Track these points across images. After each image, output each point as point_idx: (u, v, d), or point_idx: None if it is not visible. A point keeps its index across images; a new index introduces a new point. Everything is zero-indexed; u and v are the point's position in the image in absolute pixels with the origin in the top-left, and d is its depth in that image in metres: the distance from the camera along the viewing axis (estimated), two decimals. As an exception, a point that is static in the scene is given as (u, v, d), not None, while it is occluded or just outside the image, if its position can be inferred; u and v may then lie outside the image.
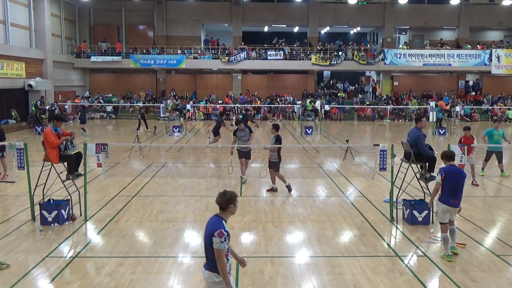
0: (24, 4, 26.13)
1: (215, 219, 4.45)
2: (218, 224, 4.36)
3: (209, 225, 4.44)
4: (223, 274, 4.36)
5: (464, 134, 12.37)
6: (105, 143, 8.68)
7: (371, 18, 35.51)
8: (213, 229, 4.33)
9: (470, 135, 12.27)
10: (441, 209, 7.00)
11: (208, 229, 4.40)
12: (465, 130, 12.38)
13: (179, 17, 34.51)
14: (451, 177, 6.93)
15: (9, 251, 7.14)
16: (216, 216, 4.48)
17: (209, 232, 4.35)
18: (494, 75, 33.72)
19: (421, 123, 8.90)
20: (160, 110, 24.13)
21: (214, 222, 4.41)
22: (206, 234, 4.40)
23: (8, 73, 23.75)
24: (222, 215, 4.46)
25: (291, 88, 35.24)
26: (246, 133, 11.96)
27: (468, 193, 11.16)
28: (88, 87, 34.49)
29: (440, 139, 21.85)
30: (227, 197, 4.44)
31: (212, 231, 4.32)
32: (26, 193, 9.24)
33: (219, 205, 4.46)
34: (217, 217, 4.46)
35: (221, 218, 4.44)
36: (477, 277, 6.34)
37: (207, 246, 4.38)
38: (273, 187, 11.06)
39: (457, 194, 6.98)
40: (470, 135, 12.25)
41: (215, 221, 4.42)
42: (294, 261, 6.93)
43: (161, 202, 10.07)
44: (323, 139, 21.60)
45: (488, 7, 35.31)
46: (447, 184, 6.95)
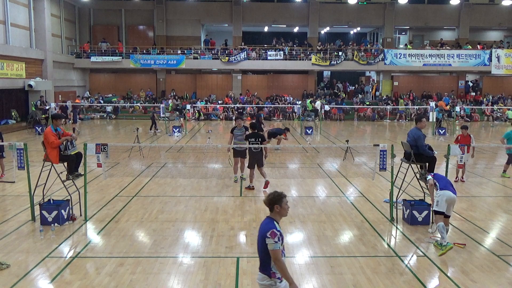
0: (24, 4, 26.14)
1: (266, 220, 4.43)
2: (269, 225, 4.33)
3: (261, 227, 4.42)
4: (284, 274, 4.31)
5: (461, 133, 12.44)
6: (105, 143, 8.68)
7: (371, 18, 35.51)
8: (265, 230, 4.30)
9: (468, 134, 12.31)
10: (442, 197, 7.35)
11: (260, 231, 4.38)
12: (463, 129, 12.46)
13: (179, 17, 34.52)
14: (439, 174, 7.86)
15: (9, 251, 7.14)
16: (267, 218, 4.46)
17: (261, 234, 4.33)
18: (494, 75, 33.73)
19: (421, 123, 8.89)
20: (160, 110, 24.12)
21: (265, 224, 4.38)
22: (259, 236, 4.38)
23: (8, 73, 23.75)
24: (272, 216, 4.44)
25: (291, 88, 35.25)
26: (243, 132, 11.76)
27: (468, 193, 11.18)
28: (88, 87, 34.50)
29: (440, 139, 21.84)
30: (270, 197, 4.43)
31: (264, 232, 4.29)
32: (26, 193, 9.24)
33: (266, 206, 4.46)
34: (268, 219, 4.43)
35: (272, 219, 4.41)
36: (477, 277, 6.33)
37: (261, 248, 4.36)
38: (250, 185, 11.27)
39: (451, 185, 7.63)
40: (467, 134, 12.29)
41: (266, 222, 4.39)
42: (294, 261, 6.93)
43: (161, 202, 10.07)
44: (323, 139, 21.60)
45: (488, 7, 35.32)
46: (439, 178, 7.73)
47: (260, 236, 4.36)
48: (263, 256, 4.37)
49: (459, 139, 12.30)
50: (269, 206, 4.43)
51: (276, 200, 4.40)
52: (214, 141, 19.73)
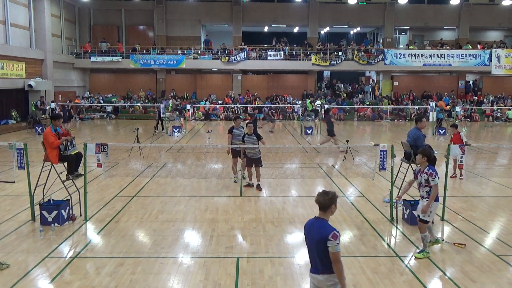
0: (24, 4, 26.14)
1: (319, 222, 4.31)
2: (327, 227, 4.24)
3: (314, 229, 4.29)
4: (341, 277, 4.25)
5: (453, 132, 12.87)
6: (105, 143, 8.68)
7: (371, 18, 35.51)
8: (325, 233, 4.18)
9: (457, 132, 12.71)
10: (435, 208, 7.20)
11: (316, 233, 4.25)
12: (452, 127, 12.96)
13: (179, 17, 34.51)
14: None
15: (9, 251, 7.14)
16: (318, 219, 4.33)
17: (320, 236, 4.20)
18: (494, 75, 33.73)
19: (421, 123, 8.90)
20: (160, 110, 24.14)
21: (321, 226, 4.27)
22: (315, 239, 4.24)
23: (8, 73, 23.75)
24: (324, 216, 4.31)
25: (291, 88, 35.25)
26: (242, 132, 11.69)
27: (468, 193, 11.18)
28: (88, 87, 34.50)
29: (440, 139, 21.84)
30: (330, 196, 4.28)
31: (324, 235, 4.17)
32: (26, 193, 9.24)
33: (321, 205, 4.30)
34: (321, 220, 4.31)
35: (324, 220, 4.30)
36: (477, 277, 6.34)
37: (320, 251, 4.23)
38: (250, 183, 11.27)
39: None
40: (457, 132, 12.70)
41: (321, 224, 4.28)
42: (294, 261, 6.93)
43: (161, 202, 10.07)
44: (323, 139, 21.57)
45: (488, 7, 35.31)
46: None
47: (316, 239, 4.23)
48: (322, 258, 4.25)
49: (452, 137, 12.81)
50: (326, 206, 4.29)
51: (334, 199, 4.31)
52: (214, 141, 19.73)
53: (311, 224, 4.39)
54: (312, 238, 4.30)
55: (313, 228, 4.33)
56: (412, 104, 32.98)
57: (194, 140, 20.96)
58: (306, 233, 4.44)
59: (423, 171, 7.07)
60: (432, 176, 6.95)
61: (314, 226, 4.33)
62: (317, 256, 4.30)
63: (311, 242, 4.33)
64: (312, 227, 4.35)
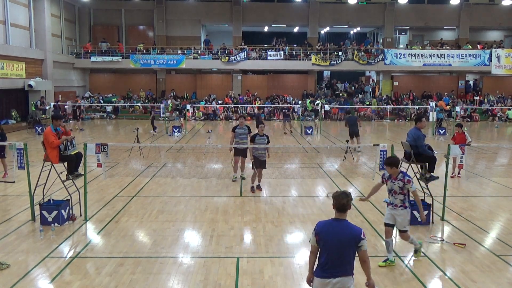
0: (24, 4, 26.14)
1: (343, 223, 4.31)
2: (354, 227, 4.30)
3: (340, 231, 4.26)
4: (370, 273, 4.42)
5: (457, 131, 12.80)
6: (105, 143, 8.68)
7: (371, 18, 35.50)
8: (355, 233, 4.24)
9: (462, 131, 12.69)
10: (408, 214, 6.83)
11: (344, 234, 4.24)
12: (457, 127, 12.89)
13: (179, 17, 34.51)
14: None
15: (9, 251, 7.14)
16: (338, 220, 4.33)
17: (350, 237, 4.23)
18: (494, 75, 33.73)
19: (421, 123, 8.91)
20: (160, 110, 24.12)
21: (348, 227, 4.29)
22: (344, 240, 4.23)
23: (8, 73, 23.75)
24: (344, 216, 4.33)
25: (291, 88, 35.24)
26: (245, 131, 11.78)
27: (468, 193, 11.18)
28: (88, 87, 34.50)
29: (440, 139, 21.84)
30: (350, 196, 4.34)
31: (355, 235, 4.23)
32: (26, 193, 9.24)
33: (343, 207, 4.30)
34: (342, 220, 4.32)
35: (346, 220, 4.33)
36: (477, 277, 6.34)
37: (348, 252, 4.25)
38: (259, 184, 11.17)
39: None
40: (462, 132, 12.68)
41: (347, 225, 4.30)
42: (294, 261, 6.93)
43: (161, 202, 10.07)
44: (323, 139, 21.60)
45: (488, 7, 35.30)
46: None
47: (346, 239, 4.23)
48: (349, 260, 4.27)
49: (455, 135, 12.77)
50: (347, 207, 4.32)
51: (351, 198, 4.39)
52: (214, 141, 19.73)
53: (330, 226, 4.32)
54: (339, 240, 4.23)
55: (336, 230, 4.27)
56: (412, 104, 32.98)
57: (194, 140, 20.96)
58: (324, 236, 4.29)
59: (396, 178, 6.69)
60: (410, 183, 6.61)
61: (337, 228, 4.28)
62: (343, 258, 4.25)
63: (337, 244, 4.23)
64: (335, 229, 4.29)
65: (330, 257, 4.27)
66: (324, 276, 4.29)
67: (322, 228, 4.35)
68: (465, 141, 12.14)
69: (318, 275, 4.36)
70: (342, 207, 4.29)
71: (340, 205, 4.29)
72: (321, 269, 4.33)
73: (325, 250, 4.30)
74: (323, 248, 4.32)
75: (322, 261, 4.33)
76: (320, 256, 4.37)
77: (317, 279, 4.37)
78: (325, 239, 4.29)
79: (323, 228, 4.35)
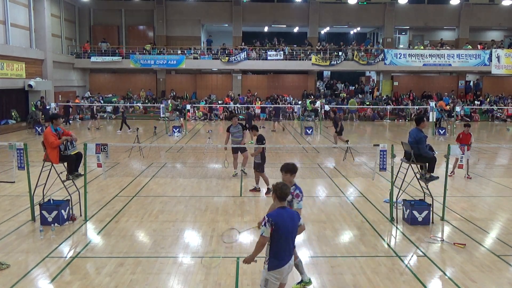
0: (24, 4, 26.14)
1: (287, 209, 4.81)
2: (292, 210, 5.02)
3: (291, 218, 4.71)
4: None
5: (463, 131, 12.88)
6: (105, 143, 8.68)
7: (371, 18, 35.51)
8: (296, 214, 4.87)
9: (469, 132, 12.83)
10: None
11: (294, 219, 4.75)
12: (466, 127, 12.96)
13: (179, 17, 34.51)
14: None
15: (9, 251, 7.14)
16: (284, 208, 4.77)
17: (295, 217, 4.76)
18: (494, 75, 33.73)
19: (423, 123, 8.95)
20: (160, 110, 24.11)
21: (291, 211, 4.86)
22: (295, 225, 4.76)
23: (8, 73, 23.75)
24: (284, 204, 4.83)
25: (291, 88, 35.25)
26: (239, 129, 12.03)
27: (468, 193, 11.18)
28: (88, 87, 34.50)
29: (440, 139, 21.84)
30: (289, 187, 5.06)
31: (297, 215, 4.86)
32: (26, 193, 9.24)
33: (286, 196, 4.78)
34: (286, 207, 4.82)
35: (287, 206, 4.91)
36: (477, 277, 6.33)
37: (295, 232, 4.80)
38: (256, 187, 11.04)
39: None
40: (468, 132, 12.80)
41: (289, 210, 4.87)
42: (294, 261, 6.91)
43: (161, 202, 10.07)
44: (323, 139, 21.59)
45: (488, 7, 35.31)
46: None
47: (296, 224, 4.72)
48: (294, 238, 4.77)
49: (461, 137, 12.80)
50: (288, 195, 4.80)
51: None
52: (214, 141, 19.73)
53: (282, 215, 4.65)
54: (292, 224, 4.68)
55: (287, 216, 4.67)
56: (412, 104, 32.98)
57: (194, 140, 20.96)
58: (280, 225, 4.57)
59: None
60: (298, 197, 5.65)
61: (287, 214, 4.69)
62: (293, 240, 4.74)
63: (291, 228, 4.66)
64: (286, 215, 4.66)
65: (286, 243, 4.63)
66: (282, 265, 4.61)
67: (277, 219, 4.59)
68: (469, 141, 12.29)
69: (277, 267, 4.59)
70: (285, 195, 4.73)
71: (284, 194, 4.71)
72: (279, 259, 4.61)
73: (281, 238, 4.59)
74: (279, 237, 4.57)
75: (278, 250, 4.60)
76: (274, 245, 4.60)
77: (277, 271, 4.60)
78: (280, 228, 4.57)
79: (278, 218, 4.59)
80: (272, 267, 4.62)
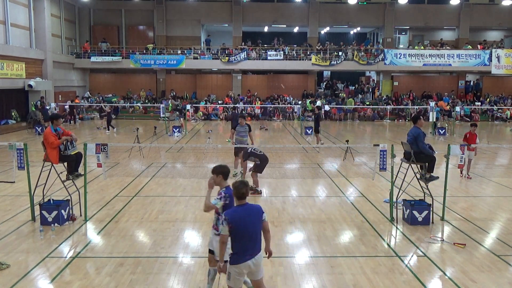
0: (24, 4, 26.13)
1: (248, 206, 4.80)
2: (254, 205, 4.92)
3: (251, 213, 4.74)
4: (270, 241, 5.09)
5: (470, 130, 13.00)
6: (105, 143, 8.68)
7: (371, 18, 35.50)
8: (257, 209, 4.85)
9: (475, 132, 12.97)
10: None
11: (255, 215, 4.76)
12: (472, 126, 13.09)
13: (179, 17, 34.50)
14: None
15: (9, 251, 7.14)
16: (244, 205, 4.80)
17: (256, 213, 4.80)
18: (494, 75, 33.73)
19: (420, 121, 8.99)
20: (160, 110, 24.10)
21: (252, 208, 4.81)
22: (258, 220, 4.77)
23: (8, 73, 23.75)
24: (244, 201, 4.83)
25: (291, 88, 35.24)
26: (245, 129, 12.19)
27: (468, 193, 11.19)
28: (88, 87, 34.49)
29: (440, 139, 21.84)
30: (248, 186, 4.90)
31: (258, 210, 4.84)
32: (26, 193, 9.23)
33: (243, 195, 4.74)
34: (246, 204, 4.82)
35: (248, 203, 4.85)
36: (477, 277, 6.33)
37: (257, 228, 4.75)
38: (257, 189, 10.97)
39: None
40: (475, 132, 12.95)
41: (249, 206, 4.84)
42: (294, 261, 6.93)
43: (161, 202, 10.07)
44: (323, 139, 21.58)
45: (488, 7, 35.30)
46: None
47: (258, 219, 4.73)
48: (259, 236, 4.74)
49: (468, 136, 12.90)
50: (246, 195, 4.75)
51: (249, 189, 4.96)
52: (214, 141, 19.73)
53: (238, 212, 4.68)
54: (250, 220, 4.67)
55: (245, 212, 4.68)
56: (412, 104, 32.98)
57: (194, 140, 20.96)
58: (237, 222, 4.58)
59: (219, 192, 5.34)
60: (219, 196, 5.27)
61: (244, 211, 4.69)
62: (256, 236, 4.69)
63: (249, 224, 4.64)
64: (243, 212, 4.67)
65: (246, 239, 4.62)
66: (244, 260, 4.61)
67: (233, 216, 4.62)
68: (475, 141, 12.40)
69: (237, 262, 4.62)
70: (243, 195, 4.71)
71: (240, 194, 4.70)
72: (239, 254, 4.63)
73: (240, 235, 4.61)
74: (237, 234, 4.61)
75: (238, 246, 4.63)
76: (235, 242, 4.64)
77: (237, 266, 4.63)
78: (238, 225, 4.59)
79: (234, 215, 4.63)
80: (233, 261, 4.68)
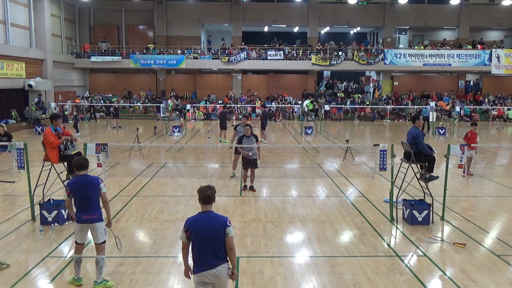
0: (24, 4, 26.13)
1: (210, 214, 4.56)
2: (220, 216, 4.58)
3: (208, 222, 4.48)
4: (235, 261, 4.63)
5: (471, 130, 13.07)
6: (105, 143, 8.68)
7: (371, 18, 35.51)
8: (221, 222, 4.48)
9: (476, 131, 13.10)
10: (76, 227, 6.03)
11: (212, 225, 4.47)
12: (473, 126, 13.22)
13: (179, 17, 34.51)
14: (76, 190, 5.92)
15: (9, 251, 7.14)
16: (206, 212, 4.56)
17: (219, 225, 4.46)
18: (494, 75, 33.73)
19: (419, 121, 9.00)
20: (160, 110, 24.10)
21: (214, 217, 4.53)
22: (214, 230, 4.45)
23: (8, 73, 23.75)
24: (210, 208, 4.59)
25: (291, 88, 35.25)
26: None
27: (468, 193, 11.18)
28: (88, 87, 34.50)
29: (440, 139, 21.84)
30: (214, 189, 4.61)
31: (222, 223, 4.48)
32: (26, 193, 9.23)
33: (209, 199, 4.54)
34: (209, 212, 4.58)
35: (212, 211, 4.59)
36: (477, 277, 6.33)
37: (218, 240, 4.45)
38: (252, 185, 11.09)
39: (87, 208, 5.94)
40: (475, 131, 13.07)
41: (213, 215, 4.55)
42: (294, 261, 6.93)
43: (161, 202, 10.07)
44: (323, 139, 21.59)
45: (488, 7, 35.31)
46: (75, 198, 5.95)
47: (215, 229, 4.42)
48: (220, 248, 4.44)
49: (469, 135, 12.96)
50: (212, 198, 4.54)
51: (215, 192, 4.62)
52: (214, 141, 19.73)
53: (198, 220, 4.49)
54: (209, 231, 4.41)
55: (205, 222, 4.45)
56: (412, 104, 32.98)
57: (194, 140, 20.96)
58: (195, 230, 4.44)
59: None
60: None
61: (205, 220, 4.47)
62: (215, 247, 4.42)
63: (207, 235, 4.41)
64: (203, 221, 4.46)
65: (204, 249, 4.42)
66: (202, 270, 4.44)
67: (191, 224, 4.49)
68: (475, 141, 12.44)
69: (196, 271, 4.48)
70: (208, 199, 4.51)
71: (206, 197, 4.50)
72: (197, 263, 4.48)
73: (198, 244, 4.45)
74: (195, 242, 4.46)
75: (196, 255, 4.48)
76: (193, 250, 4.51)
77: (196, 275, 4.48)
78: (196, 233, 4.44)
79: (193, 223, 4.49)
80: (194, 271, 4.51)
